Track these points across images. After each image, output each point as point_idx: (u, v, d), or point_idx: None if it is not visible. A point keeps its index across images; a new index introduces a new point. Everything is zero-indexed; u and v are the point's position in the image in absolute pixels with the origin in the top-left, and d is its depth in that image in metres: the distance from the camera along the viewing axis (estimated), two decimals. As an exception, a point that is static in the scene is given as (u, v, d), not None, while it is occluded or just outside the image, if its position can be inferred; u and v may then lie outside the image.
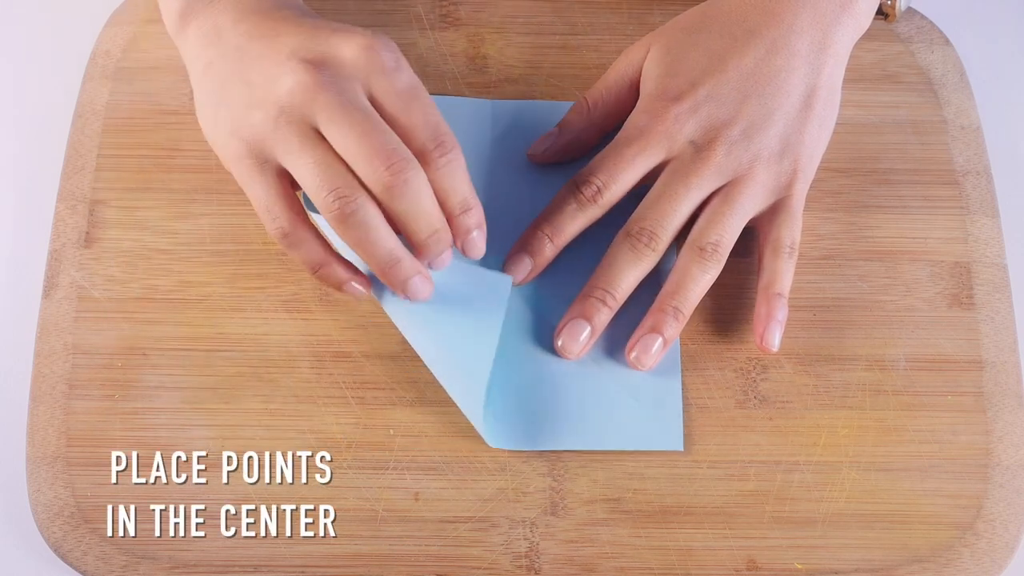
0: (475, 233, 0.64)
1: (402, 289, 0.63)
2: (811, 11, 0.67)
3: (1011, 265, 0.70)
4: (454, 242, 0.64)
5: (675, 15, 0.76)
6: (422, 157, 0.61)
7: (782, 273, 0.66)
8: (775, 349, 0.66)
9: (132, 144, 0.71)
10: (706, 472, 0.65)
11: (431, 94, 0.72)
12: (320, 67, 0.61)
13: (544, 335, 0.67)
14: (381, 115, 0.61)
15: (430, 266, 0.64)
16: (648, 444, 0.65)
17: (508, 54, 0.75)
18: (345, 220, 0.60)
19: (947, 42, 0.76)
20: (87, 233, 0.69)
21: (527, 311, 0.68)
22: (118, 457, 0.64)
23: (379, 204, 0.61)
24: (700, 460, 0.65)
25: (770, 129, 0.66)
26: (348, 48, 0.61)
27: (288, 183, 0.62)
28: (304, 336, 0.67)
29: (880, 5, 0.70)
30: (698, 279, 0.65)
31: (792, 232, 0.66)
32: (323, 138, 0.60)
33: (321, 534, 0.63)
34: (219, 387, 0.66)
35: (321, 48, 0.61)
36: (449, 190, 0.62)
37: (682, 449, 0.65)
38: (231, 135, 0.62)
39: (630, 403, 0.66)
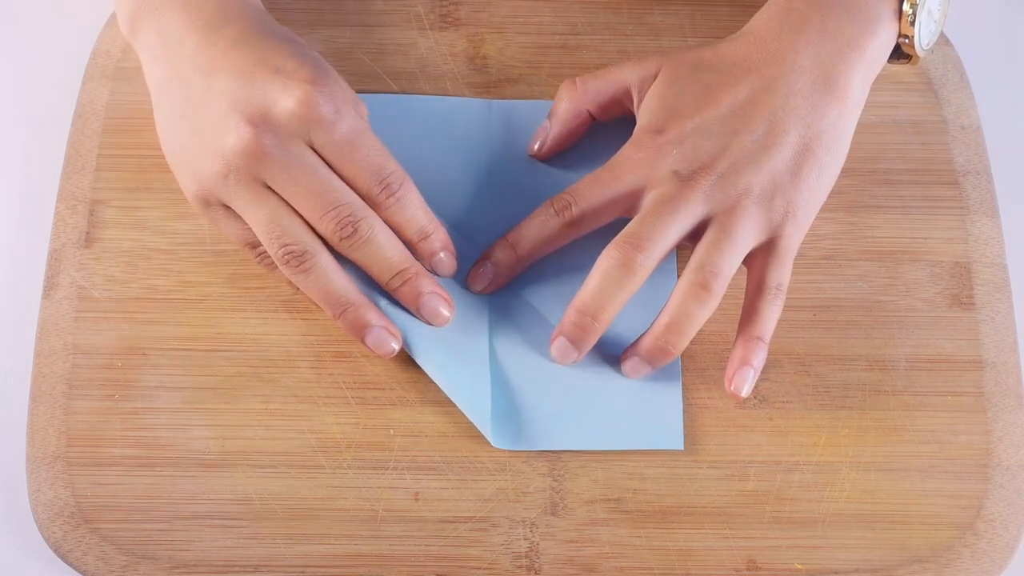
0: (441, 255, 0.66)
1: (357, 340, 0.65)
2: (815, 50, 0.66)
3: (1011, 265, 0.70)
4: (424, 265, 0.66)
5: (675, 15, 0.76)
6: (370, 201, 0.64)
7: (764, 316, 0.65)
8: (743, 396, 0.65)
9: (132, 144, 0.71)
10: (706, 472, 0.65)
11: (431, 94, 0.73)
12: (260, 125, 0.62)
13: (544, 337, 0.67)
14: (326, 165, 0.63)
15: (419, 311, 0.65)
16: (648, 443, 0.65)
17: (508, 54, 0.75)
18: (302, 275, 0.63)
19: (947, 42, 0.76)
20: (87, 233, 0.69)
21: (527, 311, 0.68)
22: (118, 457, 0.64)
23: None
24: (700, 460, 0.65)
25: (761, 167, 0.64)
26: (286, 101, 0.62)
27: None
28: (304, 336, 0.67)
29: (899, 47, 0.69)
30: (695, 316, 0.64)
31: (779, 274, 0.65)
32: (273, 191, 0.63)
33: (321, 534, 0.63)
34: (219, 387, 0.66)
35: (259, 101, 0.62)
36: (403, 223, 0.65)
37: (682, 448, 0.65)
38: (188, 174, 0.65)
39: (630, 402, 0.66)
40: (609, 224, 0.67)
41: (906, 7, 0.67)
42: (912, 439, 0.66)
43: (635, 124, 0.69)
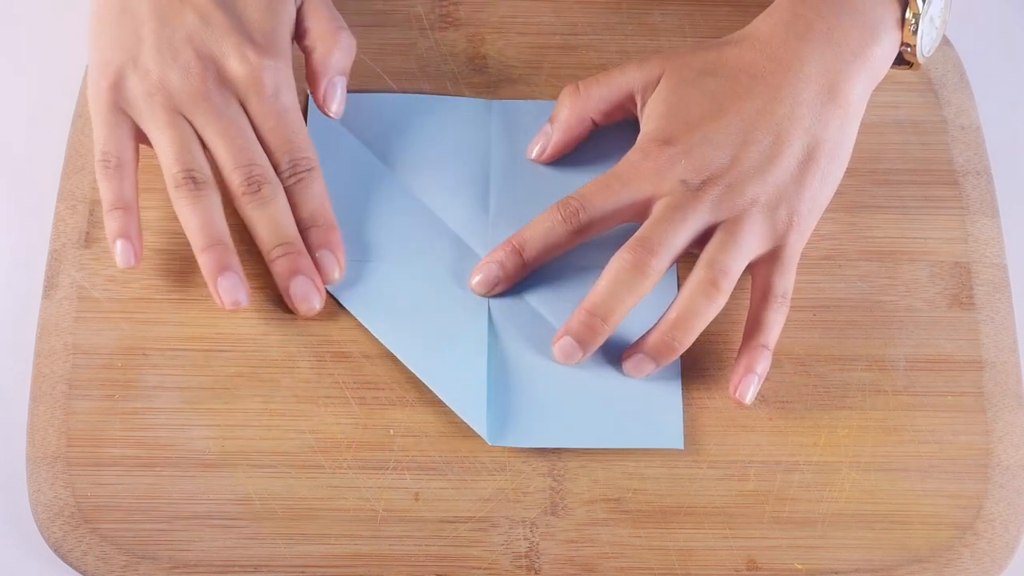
0: (321, 252, 0.67)
1: (211, 280, 0.65)
2: (820, 59, 0.66)
3: (1011, 265, 0.70)
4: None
5: (674, 15, 0.76)
6: (278, 173, 0.66)
7: (769, 324, 0.65)
8: (747, 403, 0.65)
9: (132, 144, 0.71)
10: (706, 472, 0.65)
11: (431, 94, 0.73)
12: (210, 70, 0.66)
13: (544, 335, 0.67)
14: (252, 125, 0.66)
15: (289, 289, 0.66)
16: (648, 442, 0.65)
17: (508, 54, 0.75)
18: (193, 200, 0.65)
19: (947, 42, 0.76)
20: (87, 233, 0.69)
21: (528, 310, 0.68)
22: (118, 457, 0.64)
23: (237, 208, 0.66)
24: (700, 460, 0.65)
25: (767, 178, 0.65)
26: (237, 63, 0.66)
27: (136, 134, 0.67)
28: (304, 336, 0.67)
29: (901, 53, 0.69)
30: (703, 312, 0.64)
31: (784, 282, 0.65)
32: (189, 121, 0.66)
33: (321, 534, 0.63)
34: (219, 387, 0.66)
35: (213, 50, 0.66)
36: (300, 204, 0.67)
37: (682, 447, 0.65)
38: (104, 69, 0.66)
39: (630, 401, 0.66)
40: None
41: (908, 15, 0.67)
42: (912, 439, 0.66)
43: (635, 125, 0.69)
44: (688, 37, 0.75)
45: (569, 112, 0.70)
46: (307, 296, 0.66)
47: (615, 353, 0.67)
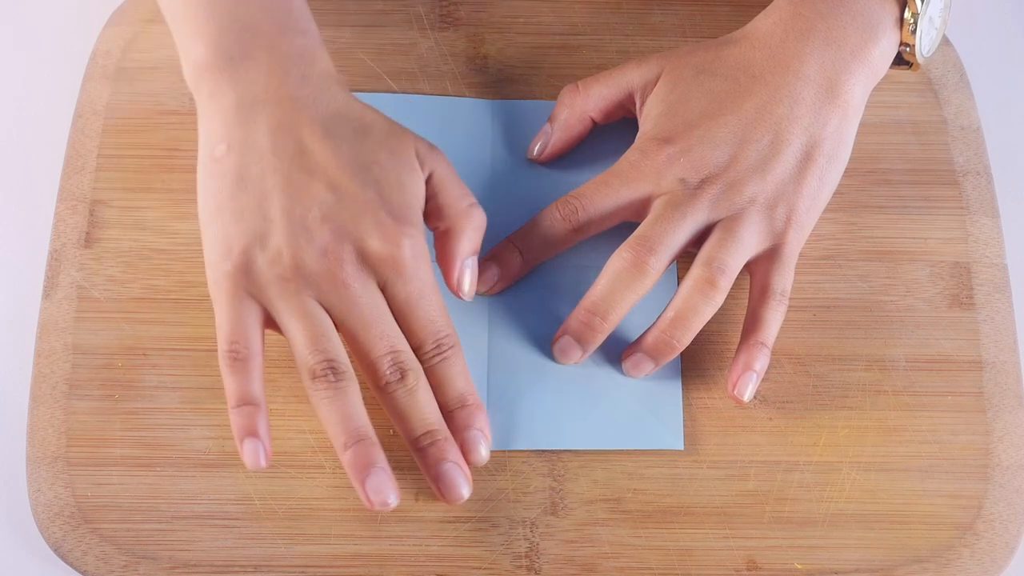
0: (472, 432, 0.63)
1: (357, 480, 0.61)
2: (819, 58, 0.66)
3: (1011, 265, 0.70)
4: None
5: (675, 15, 0.76)
6: (420, 355, 0.62)
7: (768, 321, 0.65)
8: (746, 400, 0.65)
9: (132, 144, 0.71)
10: (706, 472, 0.65)
11: (431, 94, 0.73)
12: (346, 252, 0.60)
13: (544, 335, 0.67)
14: (388, 304, 0.62)
15: (439, 478, 0.62)
16: (649, 443, 0.65)
17: (508, 54, 0.75)
18: (332, 392, 0.61)
19: (947, 42, 0.76)
20: (87, 233, 0.69)
21: (526, 310, 0.68)
22: (118, 457, 0.64)
23: (379, 395, 0.62)
24: (700, 460, 0.65)
25: (766, 176, 0.65)
26: (377, 241, 0.61)
27: (264, 320, 0.62)
28: (304, 336, 0.67)
29: (900, 54, 0.69)
30: (701, 311, 0.64)
31: (783, 279, 0.65)
32: (323, 307, 0.61)
33: (321, 534, 0.63)
34: (219, 387, 0.65)
35: (350, 228, 0.61)
36: (445, 383, 0.63)
37: (682, 448, 0.65)
38: (227, 251, 0.61)
39: (630, 402, 0.66)
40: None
41: (907, 15, 0.67)
42: (912, 439, 0.66)
43: (635, 125, 0.69)
44: (689, 37, 0.75)
45: (569, 111, 0.70)
46: (456, 484, 0.62)
47: (615, 353, 0.67)
